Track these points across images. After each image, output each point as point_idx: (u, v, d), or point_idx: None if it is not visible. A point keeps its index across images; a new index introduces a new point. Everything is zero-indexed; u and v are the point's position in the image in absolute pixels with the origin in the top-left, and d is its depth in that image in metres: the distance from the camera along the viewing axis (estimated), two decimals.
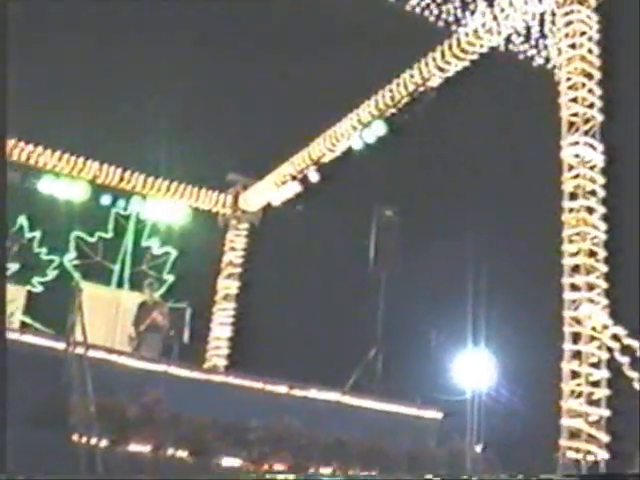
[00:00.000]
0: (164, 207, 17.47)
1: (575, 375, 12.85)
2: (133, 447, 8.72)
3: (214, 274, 17.59)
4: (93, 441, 8.03)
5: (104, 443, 8.33)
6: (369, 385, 12.47)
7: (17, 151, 16.40)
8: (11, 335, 10.31)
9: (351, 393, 11.77)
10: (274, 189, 17.22)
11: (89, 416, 8.18)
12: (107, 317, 13.80)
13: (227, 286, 17.61)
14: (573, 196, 12.43)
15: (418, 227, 14.51)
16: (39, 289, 16.21)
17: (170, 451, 8.85)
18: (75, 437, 8.34)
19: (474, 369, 11.46)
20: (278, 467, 9.46)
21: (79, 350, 9.02)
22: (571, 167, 12.02)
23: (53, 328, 14.45)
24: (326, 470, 9.78)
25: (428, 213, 14.96)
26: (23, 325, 14.69)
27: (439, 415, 11.96)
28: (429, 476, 10.21)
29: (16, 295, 15.20)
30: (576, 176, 11.94)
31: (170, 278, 16.69)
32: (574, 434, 12.81)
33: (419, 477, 10.27)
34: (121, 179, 17.04)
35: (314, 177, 16.41)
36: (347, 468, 9.85)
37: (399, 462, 10.33)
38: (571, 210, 12.57)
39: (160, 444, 8.80)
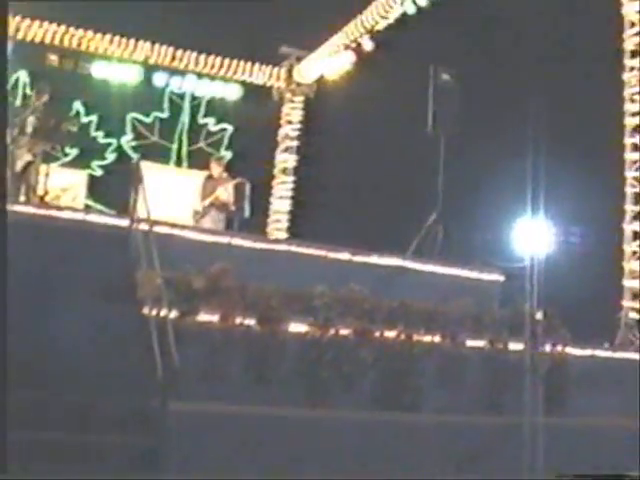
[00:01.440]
0: (218, 84, 17.41)
1: (637, 236, 12.81)
2: (202, 317, 8.92)
3: (271, 148, 17.60)
4: (162, 313, 8.22)
5: (173, 314, 8.51)
6: (430, 250, 12.52)
7: (68, 37, 16.41)
8: (76, 215, 10.58)
9: (413, 258, 11.86)
10: (328, 60, 17.03)
11: (157, 289, 8.36)
12: (167, 195, 13.93)
13: (285, 159, 17.65)
14: (634, 54, 12.11)
15: (477, 92, 14.27)
16: (99, 172, 16.43)
17: (238, 319, 9.04)
18: (145, 309, 8.58)
19: (534, 236, 11.43)
20: (344, 332, 9.61)
21: (143, 226, 9.18)
22: (632, 24, 11.68)
23: (115, 209, 14.75)
24: (390, 333, 9.91)
25: (487, 78, 14.72)
26: (86, 208, 14.93)
27: (500, 278, 12.02)
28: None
29: (78, 180, 15.45)
30: (638, 33, 11.58)
31: (228, 154, 16.73)
32: (636, 295, 12.85)
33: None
34: (173, 58, 17.01)
35: (368, 45, 16.18)
36: (411, 331, 9.98)
37: (463, 323, 10.44)
38: (632, 69, 12.27)
39: (228, 313, 8.99)
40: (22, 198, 11.83)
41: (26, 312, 8.14)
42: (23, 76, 16.37)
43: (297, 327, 9.39)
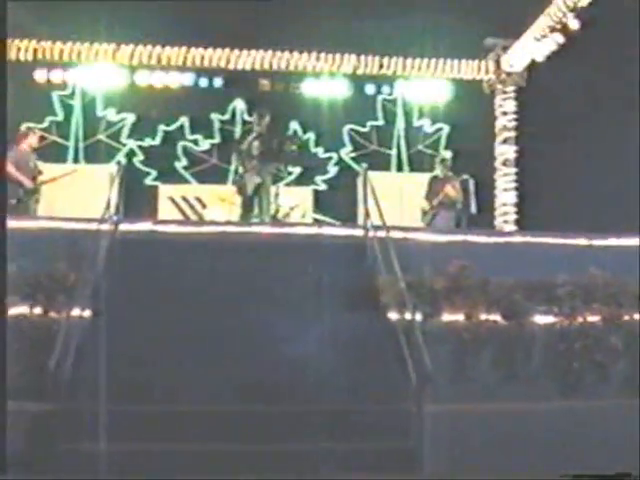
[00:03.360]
0: (428, 85, 17.43)
1: None
2: (446, 317, 8.93)
3: (489, 142, 17.42)
4: (407, 316, 8.29)
5: (418, 317, 8.56)
6: None
7: (276, 60, 16.93)
8: (310, 230, 10.87)
9: None
10: (535, 45, 16.67)
11: (400, 293, 8.45)
12: (393, 201, 14.09)
13: (504, 151, 17.39)
14: None
15: None
16: (323, 187, 16.79)
17: (483, 316, 8.99)
18: (390, 315, 8.70)
19: None
20: (591, 319, 9.37)
21: (379, 233, 9.31)
22: None
23: (342, 220, 15.04)
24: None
25: None
26: (316, 222, 15.31)
27: None
28: None
29: (304, 196, 15.89)
30: None
31: (447, 153, 16.69)
32: None
33: None
34: (381, 66, 17.17)
35: (574, 24, 15.71)
36: None
37: None
38: None
39: (472, 311, 8.96)
40: (255, 220, 12.29)
41: (271, 328, 8.44)
42: (240, 104, 17.00)
43: (543, 319, 9.23)
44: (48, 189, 12.83)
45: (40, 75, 16.72)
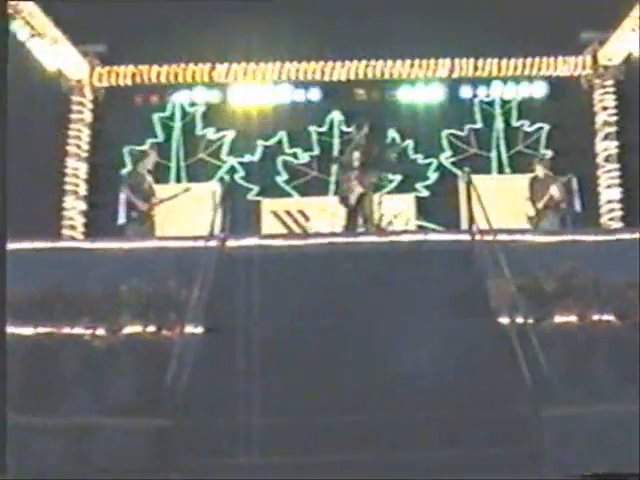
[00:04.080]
0: (524, 84, 17.22)
1: None
2: (558, 319, 8.80)
3: (590, 139, 17.09)
4: (519, 320, 8.20)
5: (530, 320, 8.45)
6: None
7: (371, 70, 16.97)
8: (416, 237, 10.85)
9: None
10: (632, 36, 16.31)
11: (511, 297, 8.37)
12: (496, 204, 13.93)
13: (606, 147, 17.04)
14: None
15: None
16: (425, 193, 16.72)
17: (596, 317, 8.83)
18: (501, 319, 8.62)
19: None
20: None
21: (486, 237, 9.24)
22: None
23: (445, 226, 14.96)
24: None
25: None
26: (420, 229, 15.24)
27: None
28: None
29: (406, 203, 15.86)
30: None
31: (548, 153, 16.44)
32: None
33: None
34: (475, 68, 17.03)
35: None
36: None
37: None
38: None
39: (585, 311, 8.80)
40: (361, 229, 12.32)
41: (384, 337, 8.45)
42: (337, 115, 17.07)
43: None
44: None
45: (139, 98, 17.09)
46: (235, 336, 8.33)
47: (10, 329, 9.42)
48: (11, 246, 10.57)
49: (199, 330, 8.90)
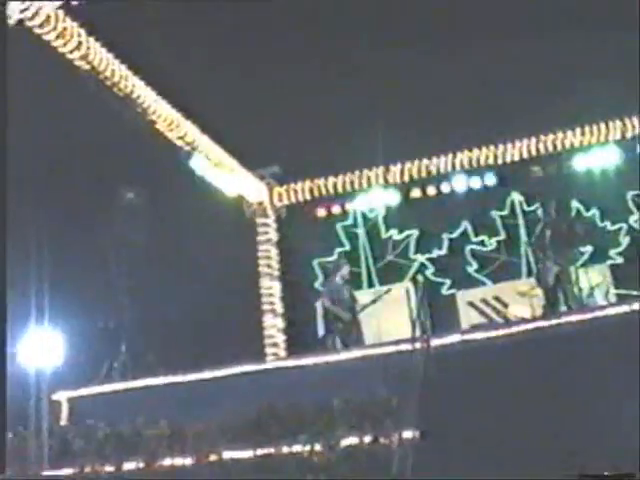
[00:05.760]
0: None
1: None
2: None
3: None
4: None
5: None
6: None
7: (542, 144, 16.79)
8: (622, 309, 10.46)
9: None
10: None
11: None
12: None
13: None
14: None
15: None
16: (619, 260, 16.21)
17: None
18: None
19: None
20: None
21: None
22: None
23: None
24: None
25: None
26: (620, 298, 14.73)
27: None
28: None
29: (602, 273, 15.40)
30: None
31: None
32: None
33: None
34: None
35: None
36: None
37: None
38: None
39: None
40: (563, 308, 12.05)
41: (597, 419, 8.16)
42: (516, 196, 16.90)
43: None
44: None
45: (321, 211, 17.50)
46: (451, 438, 8.23)
47: (229, 453, 9.71)
48: (224, 372, 11.06)
49: (415, 435, 8.83)
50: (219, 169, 15.83)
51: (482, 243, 16.75)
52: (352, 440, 9.15)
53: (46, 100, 12.38)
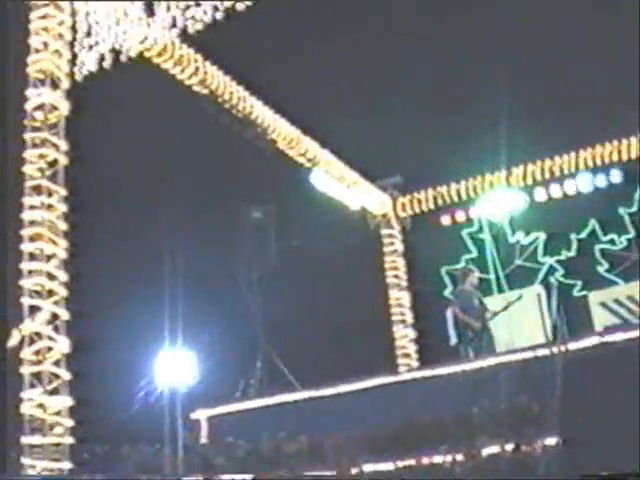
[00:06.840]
0: None
1: None
2: None
3: None
4: None
5: None
6: None
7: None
8: None
9: None
10: None
11: None
12: None
13: None
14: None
15: None
16: None
17: None
18: None
19: None
20: None
21: None
22: None
23: None
24: None
25: None
26: None
27: None
28: None
29: None
30: None
31: None
32: None
33: None
34: None
35: None
36: None
37: None
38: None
39: None
40: None
41: None
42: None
43: None
44: None
45: (446, 219, 17.42)
46: (594, 445, 8.06)
47: (369, 466, 9.73)
48: (359, 385, 11.10)
49: (558, 442, 8.68)
50: (341, 183, 15.94)
51: (612, 242, 16.40)
52: (493, 449, 9.04)
53: (174, 128, 12.75)
